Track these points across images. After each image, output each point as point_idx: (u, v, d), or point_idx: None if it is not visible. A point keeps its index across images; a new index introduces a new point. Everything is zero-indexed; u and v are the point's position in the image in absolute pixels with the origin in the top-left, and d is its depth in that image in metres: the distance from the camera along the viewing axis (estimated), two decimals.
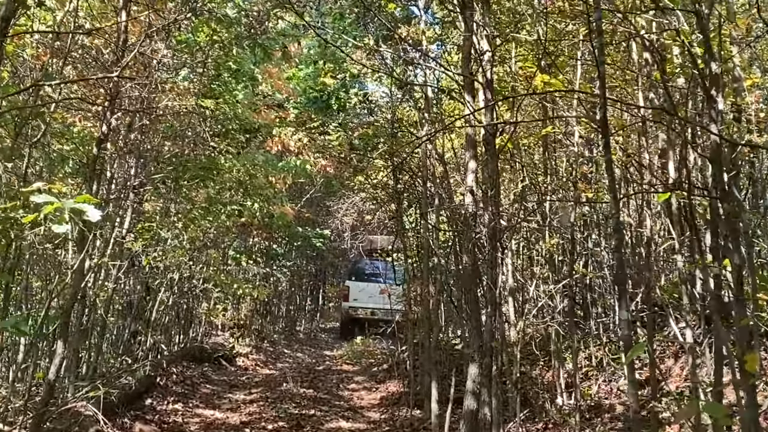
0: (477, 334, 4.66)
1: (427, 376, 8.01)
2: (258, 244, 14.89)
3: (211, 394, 8.99)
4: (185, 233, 10.20)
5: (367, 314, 15.15)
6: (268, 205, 11.79)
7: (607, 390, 6.98)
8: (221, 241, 12.93)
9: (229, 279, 11.77)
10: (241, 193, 11.53)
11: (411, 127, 10.10)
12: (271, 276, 14.90)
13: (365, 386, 9.75)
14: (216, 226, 11.10)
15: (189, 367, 9.99)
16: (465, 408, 4.65)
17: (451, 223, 8.38)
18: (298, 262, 16.73)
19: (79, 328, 7.52)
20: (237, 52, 10.95)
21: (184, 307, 12.05)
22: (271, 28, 8.76)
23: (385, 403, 8.61)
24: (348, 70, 11.10)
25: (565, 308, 7.23)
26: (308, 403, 8.47)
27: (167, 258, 9.63)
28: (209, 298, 12.46)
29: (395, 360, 9.83)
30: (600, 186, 7.13)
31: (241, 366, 11.78)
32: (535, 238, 7.67)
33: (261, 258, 14.62)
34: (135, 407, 7.65)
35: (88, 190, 6.04)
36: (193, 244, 10.99)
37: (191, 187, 10.40)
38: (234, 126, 11.39)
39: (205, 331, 12.90)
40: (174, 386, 8.78)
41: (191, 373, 9.65)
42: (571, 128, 5.96)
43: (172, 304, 10.84)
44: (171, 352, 10.23)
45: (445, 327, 10.08)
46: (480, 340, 4.55)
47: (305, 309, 18.92)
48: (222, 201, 10.92)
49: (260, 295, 12.38)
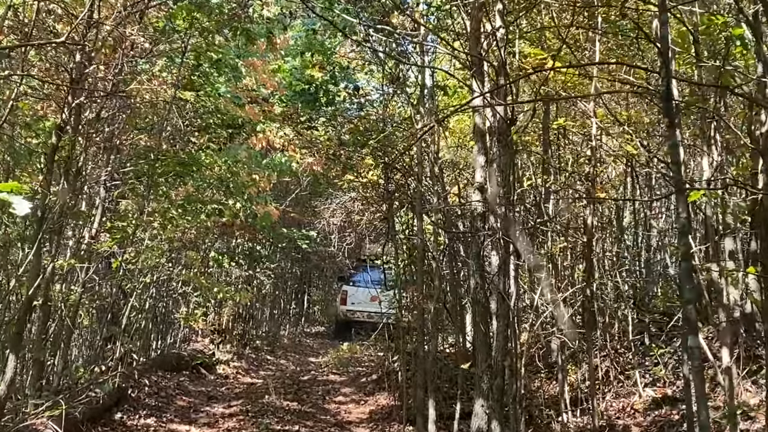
0: (486, 351, 4.06)
1: (420, 390, 7.42)
2: (241, 246, 14.22)
3: (187, 407, 8.34)
4: (163, 233, 9.55)
5: (363, 317, 16.06)
6: (252, 204, 11.13)
7: (618, 408, 6.41)
8: (202, 242, 12.26)
9: (209, 282, 11.10)
10: (223, 192, 10.87)
11: (403, 122, 9.53)
12: (254, 279, 14.24)
13: (353, 398, 9.13)
14: (196, 226, 10.43)
15: (165, 376, 9.33)
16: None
17: (446, 225, 7.80)
18: (283, 264, 16.06)
19: (40, 336, 6.87)
20: (219, 41, 10.35)
21: (162, 312, 11.39)
22: (257, 16, 8.13)
23: (375, 417, 8.01)
24: (337, 63, 10.48)
25: (573, 318, 6.67)
26: (292, 418, 7.85)
27: (143, 260, 8.97)
28: (188, 302, 11.79)
29: (385, 370, 9.23)
30: (612, 184, 6.59)
31: (221, 374, 11.13)
32: (540, 241, 7.11)
33: (244, 260, 13.96)
34: (103, 423, 7.02)
35: (46, 184, 5.42)
36: (171, 245, 10.33)
37: (169, 184, 9.73)
38: (215, 120, 10.73)
39: (183, 337, 12.23)
40: (147, 398, 8.13)
41: (167, 384, 9.00)
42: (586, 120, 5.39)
43: (149, 308, 10.19)
44: (146, 360, 9.57)
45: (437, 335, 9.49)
46: (490, 359, 3.95)
47: (289, 313, 18.23)
48: (202, 199, 10.27)
49: (243, 299, 11.72)
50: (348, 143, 8.38)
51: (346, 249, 13.49)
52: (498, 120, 4.02)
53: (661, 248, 9.43)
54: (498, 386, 3.90)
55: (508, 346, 3.98)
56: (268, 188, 12.57)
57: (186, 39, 8.78)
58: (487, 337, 4.18)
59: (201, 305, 11.74)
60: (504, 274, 3.94)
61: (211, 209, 10.32)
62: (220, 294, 11.16)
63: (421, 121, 7.90)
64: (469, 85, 4.65)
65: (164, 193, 9.72)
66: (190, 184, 10.16)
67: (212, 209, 10.33)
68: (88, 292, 9.10)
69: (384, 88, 9.57)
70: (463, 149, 9.97)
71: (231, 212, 10.49)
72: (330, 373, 11.01)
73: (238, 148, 10.34)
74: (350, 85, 9.77)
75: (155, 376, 9.04)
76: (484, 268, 4.28)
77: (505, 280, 3.95)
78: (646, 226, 8.20)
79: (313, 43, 10.55)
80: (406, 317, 8.88)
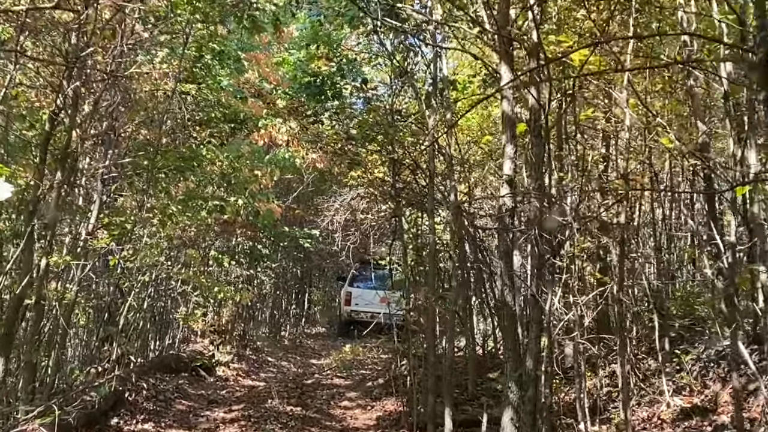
0: (515, 359, 3.72)
1: (432, 396, 7.09)
2: (241, 244, 13.87)
3: (186, 412, 7.99)
4: (162, 231, 9.21)
5: (366, 317, 16.15)
6: (254, 201, 10.79)
7: (642, 417, 6.06)
8: (202, 240, 11.91)
9: (209, 281, 10.75)
10: (224, 188, 10.53)
11: (412, 117, 9.18)
12: (255, 278, 13.89)
13: (359, 404, 8.78)
14: (196, 224, 10.09)
15: (163, 379, 8.98)
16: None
17: (460, 223, 7.45)
18: (284, 263, 15.69)
19: (33, 337, 6.52)
20: (222, 33, 10.02)
21: (161, 311, 11.04)
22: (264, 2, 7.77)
23: (383, 424, 7.66)
24: (344, 55, 10.11)
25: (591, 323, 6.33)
26: (296, 424, 7.50)
27: (141, 257, 8.62)
28: (188, 301, 11.44)
29: (392, 374, 8.88)
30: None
31: (221, 376, 10.77)
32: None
33: (245, 259, 13.61)
34: (98, 428, 6.68)
35: (39, 175, 5.07)
36: (171, 243, 9.98)
37: (169, 179, 9.39)
38: (217, 114, 10.38)
39: (182, 338, 11.87)
40: (145, 402, 7.78)
41: (165, 387, 8.64)
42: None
43: (147, 308, 9.85)
44: (144, 362, 9.21)
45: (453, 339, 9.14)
46: (521, 368, 3.61)
47: (290, 313, 17.87)
48: (203, 196, 9.93)
49: (243, 299, 11.37)
50: (356, 137, 8.02)
51: (350, 248, 13.10)
52: (531, 107, 3.67)
53: (679, 250, 9.11)
54: (530, 398, 3.56)
55: (541, 355, 3.64)
56: (270, 185, 12.23)
57: (188, 29, 8.45)
58: (516, 343, 3.84)
59: (201, 305, 11.38)
60: (539, 277, 3.59)
61: (213, 206, 9.99)
62: (220, 294, 10.82)
63: (432, 116, 7.57)
64: (494, 70, 4.30)
65: (164, 189, 9.37)
66: (191, 179, 9.82)
67: (213, 206, 9.99)
68: (84, 290, 8.79)
69: (392, 82, 9.23)
70: (475, 146, 9.62)
71: (233, 209, 10.15)
72: (334, 376, 10.65)
73: (240, 143, 9.99)
74: (357, 78, 9.42)
75: (153, 378, 8.69)
76: (512, 268, 3.94)
77: (538, 282, 3.61)
78: (669, 226, 7.86)
79: (320, 34, 10.18)
80: (414, 319, 8.53)
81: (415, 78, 9.31)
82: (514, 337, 3.84)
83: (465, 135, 10.21)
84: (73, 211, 7.97)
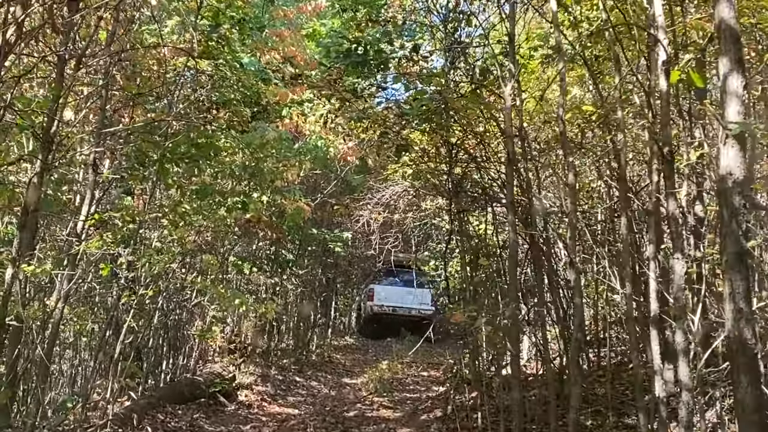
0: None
1: None
2: (264, 249, 12.28)
3: None
4: (173, 233, 7.64)
5: (389, 311, 17.42)
6: (281, 197, 9.20)
7: None
8: (220, 245, 10.34)
9: (229, 292, 9.13)
10: (246, 182, 8.95)
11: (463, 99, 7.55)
12: (279, 287, 12.29)
13: None
14: (214, 224, 8.50)
15: (175, 413, 7.40)
16: None
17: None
18: (312, 270, 14.03)
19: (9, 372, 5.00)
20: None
21: (173, 326, 9.48)
22: None
23: None
24: (390, 18, 8.48)
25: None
26: None
27: (146, 264, 7.05)
28: (204, 315, 9.87)
29: (453, 404, 7.25)
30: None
31: (243, 402, 9.19)
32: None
33: (268, 265, 12.02)
34: None
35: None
36: (184, 247, 8.38)
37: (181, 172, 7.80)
38: (236, 96, 8.82)
39: (198, 357, 10.27)
40: None
41: (177, 425, 7.06)
42: None
43: (155, 325, 8.31)
44: (152, 393, 7.64)
45: (518, 358, 7.48)
46: None
47: (316, 324, 16.15)
48: (221, 191, 8.35)
49: (268, 312, 9.74)
50: (410, 113, 6.41)
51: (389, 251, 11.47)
52: None
53: None
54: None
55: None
56: (297, 180, 10.64)
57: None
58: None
59: (219, 320, 9.79)
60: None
61: (233, 203, 8.40)
62: (242, 306, 9.19)
63: (509, 82, 5.94)
64: None
65: (175, 183, 7.79)
66: (207, 171, 8.25)
67: (234, 203, 8.41)
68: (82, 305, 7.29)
69: (448, 50, 7.61)
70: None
71: (257, 207, 8.56)
72: (379, 405, 8.98)
73: (265, 129, 8.39)
74: (407, 44, 7.80)
75: (162, 413, 7.12)
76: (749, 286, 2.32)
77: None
78: None
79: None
80: (479, 334, 6.90)
81: (468, 52, 7.70)
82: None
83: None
84: (61, 206, 6.43)
